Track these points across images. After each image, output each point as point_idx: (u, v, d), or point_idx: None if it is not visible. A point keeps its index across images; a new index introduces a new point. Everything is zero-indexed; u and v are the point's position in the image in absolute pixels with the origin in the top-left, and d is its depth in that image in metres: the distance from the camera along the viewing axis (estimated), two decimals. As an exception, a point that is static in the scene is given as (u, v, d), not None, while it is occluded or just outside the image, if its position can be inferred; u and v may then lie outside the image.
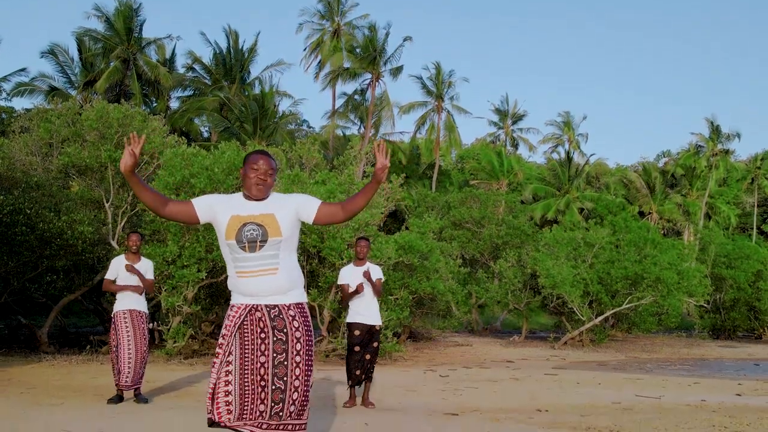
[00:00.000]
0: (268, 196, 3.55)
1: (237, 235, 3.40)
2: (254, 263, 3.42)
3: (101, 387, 8.16)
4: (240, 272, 3.45)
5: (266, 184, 3.49)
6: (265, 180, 3.48)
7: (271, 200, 3.55)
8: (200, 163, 12.06)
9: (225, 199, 3.57)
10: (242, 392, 3.40)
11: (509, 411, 7.00)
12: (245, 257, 3.42)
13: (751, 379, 10.97)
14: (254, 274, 3.43)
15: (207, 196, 3.59)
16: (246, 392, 3.40)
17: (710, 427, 5.96)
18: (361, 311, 7.14)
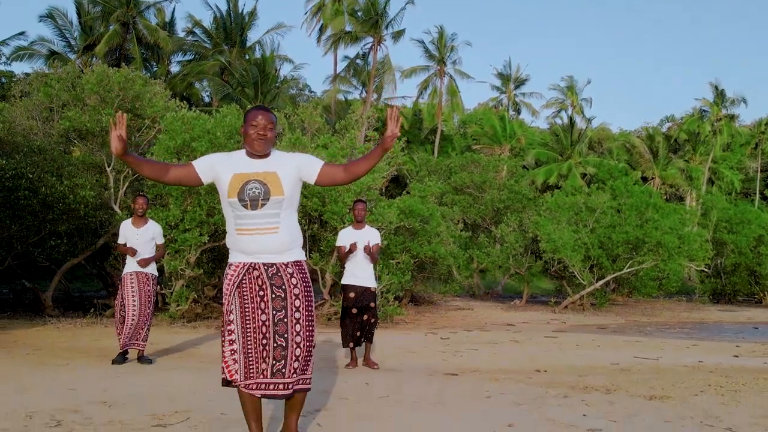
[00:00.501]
0: (270, 153, 3.55)
1: (239, 193, 3.41)
2: (255, 221, 3.44)
3: (106, 349, 8.28)
4: (240, 230, 3.47)
5: (267, 138, 3.48)
6: (265, 135, 3.47)
7: (274, 158, 3.55)
8: (201, 126, 12.06)
9: (226, 158, 3.57)
10: (246, 351, 3.44)
11: (508, 372, 7.10)
12: (247, 215, 3.44)
13: (749, 342, 11.07)
14: (255, 232, 3.45)
15: (207, 156, 3.60)
16: (249, 351, 3.44)
17: (706, 386, 6.04)
18: (356, 273, 7.23)
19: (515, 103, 44.33)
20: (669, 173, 40.78)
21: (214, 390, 5.46)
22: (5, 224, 11.92)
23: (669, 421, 4.61)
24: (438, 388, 5.85)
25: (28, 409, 4.60)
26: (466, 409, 4.98)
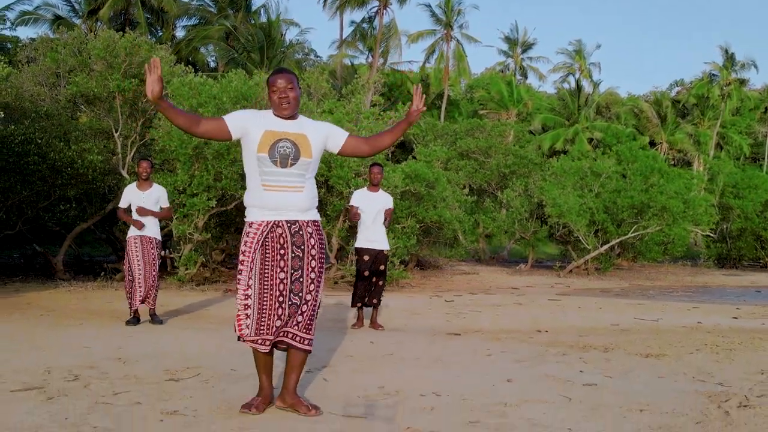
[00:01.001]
0: (297, 115, 3.68)
1: (270, 150, 3.53)
2: (283, 179, 3.57)
3: (117, 311, 8.49)
4: (267, 185, 3.57)
5: (289, 98, 3.59)
6: (287, 95, 3.58)
7: (303, 122, 3.69)
8: (208, 92, 12.15)
9: (257, 114, 3.67)
10: (260, 307, 3.57)
11: (510, 332, 7.28)
12: (274, 171, 3.55)
13: (749, 305, 11.24)
14: (281, 189, 3.57)
15: (239, 112, 3.69)
16: (264, 308, 3.58)
17: (702, 345, 6.22)
18: (370, 237, 7.35)
19: (522, 67, 44.06)
20: (677, 138, 40.65)
21: (223, 349, 5.67)
22: (16, 189, 12.11)
23: (663, 377, 4.78)
24: (440, 347, 6.04)
25: (46, 365, 4.81)
26: (467, 366, 5.17)
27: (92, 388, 4.18)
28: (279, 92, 3.59)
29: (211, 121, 3.62)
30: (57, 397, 3.93)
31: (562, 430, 3.42)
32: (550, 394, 4.21)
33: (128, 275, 7.50)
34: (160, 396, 4.00)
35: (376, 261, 7.36)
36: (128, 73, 13.63)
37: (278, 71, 3.69)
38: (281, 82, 3.60)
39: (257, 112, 3.71)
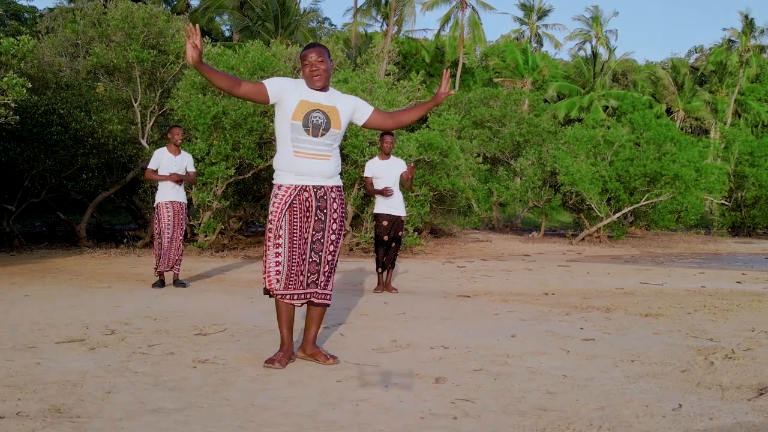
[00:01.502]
0: (329, 87, 3.98)
1: (304, 119, 3.84)
2: (313, 146, 3.88)
3: (142, 275, 8.92)
4: (298, 152, 3.88)
5: (321, 71, 3.88)
6: (318, 68, 3.88)
7: (334, 94, 4.00)
8: (226, 62, 12.45)
9: (294, 84, 3.94)
10: (290, 264, 3.92)
11: (518, 294, 7.64)
12: (306, 139, 3.87)
13: (756, 271, 11.52)
14: (311, 156, 3.89)
15: (277, 79, 3.96)
16: (293, 264, 3.93)
17: (701, 307, 6.54)
18: (388, 203, 7.67)
19: (537, 35, 43.91)
20: (694, 106, 40.54)
21: (245, 308, 6.07)
22: (40, 159, 12.50)
23: (658, 334, 5.12)
24: (450, 307, 6.41)
25: (83, 322, 5.22)
26: (475, 323, 5.53)
27: (128, 340, 4.58)
28: (311, 65, 3.89)
29: (251, 84, 3.91)
30: (98, 348, 4.33)
31: (557, 376, 3.78)
32: (550, 347, 4.57)
33: (158, 239, 7.87)
34: (191, 347, 4.40)
35: (395, 226, 7.69)
36: (146, 43, 13.95)
37: (310, 45, 3.99)
38: (313, 55, 3.90)
39: (294, 81, 3.97)
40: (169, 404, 3.15)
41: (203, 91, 12.50)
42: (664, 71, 42.66)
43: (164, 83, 14.51)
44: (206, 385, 3.50)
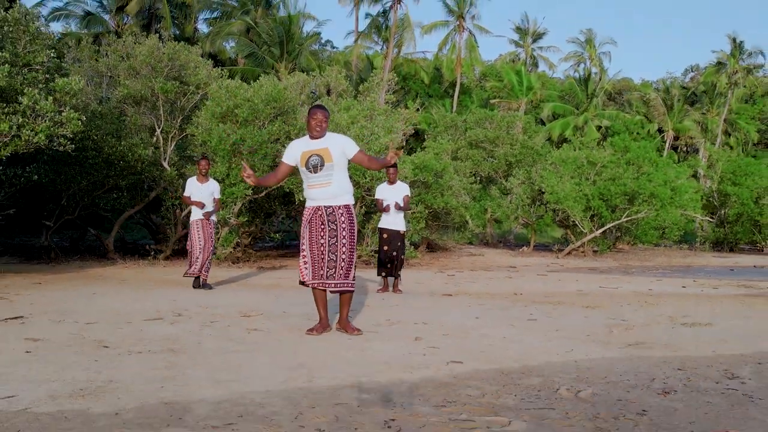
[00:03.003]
0: (324, 135, 5.73)
1: (305, 163, 5.65)
2: (316, 179, 5.67)
3: (177, 280, 10.74)
4: (309, 185, 5.69)
5: (321, 128, 5.66)
6: (321, 125, 5.66)
7: (327, 138, 5.74)
8: (242, 95, 14.34)
9: (297, 143, 5.76)
10: (313, 262, 5.72)
11: (492, 294, 9.47)
12: (311, 176, 5.66)
13: (708, 278, 13.33)
14: (316, 186, 5.67)
15: (288, 149, 5.78)
16: (314, 262, 5.72)
17: (635, 302, 8.36)
18: (390, 220, 9.57)
19: (533, 57, 46.00)
20: (685, 125, 42.50)
21: (274, 301, 7.90)
22: (76, 180, 14.35)
23: (587, 317, 6.95)
24: (434, 301, 8.24)
25: (154, 308, 7.04)
26: (450, 310, 7.36)
27: (194, 319, 6.40)
28: (317, 122, 5.69)
29: (282, 170, 5.77)
30: (175, 323, 6.16)
31: (498, 338, 5.60)
32: (502, 324, 6.39)
33: (190, 249, 9.72)
34: (241, 323, 6.22)
35: (394, 238, 9.55)
36: (169, 75, 15.87)
37: (318, 106, 5.81)
38: (320, 116, 5.70)
39: (298, 141, 5.81)
40: (240, 347, 4.99)
41: (223, 120, 14.38)
42: (655, 92, 44.68)
43: (184, 110, 16.37)
44: (261, 339, 5.33)
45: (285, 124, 14.61)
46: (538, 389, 3.87)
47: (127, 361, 4.46)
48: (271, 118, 14.58)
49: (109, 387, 3.75)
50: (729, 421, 3.28)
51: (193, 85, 16.15)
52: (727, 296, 9.46)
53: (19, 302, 7.43)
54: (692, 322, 6.58)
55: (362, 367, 4.40)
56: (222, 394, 3.63)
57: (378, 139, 14.77)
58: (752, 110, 46.97)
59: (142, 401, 3.47)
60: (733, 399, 3.71)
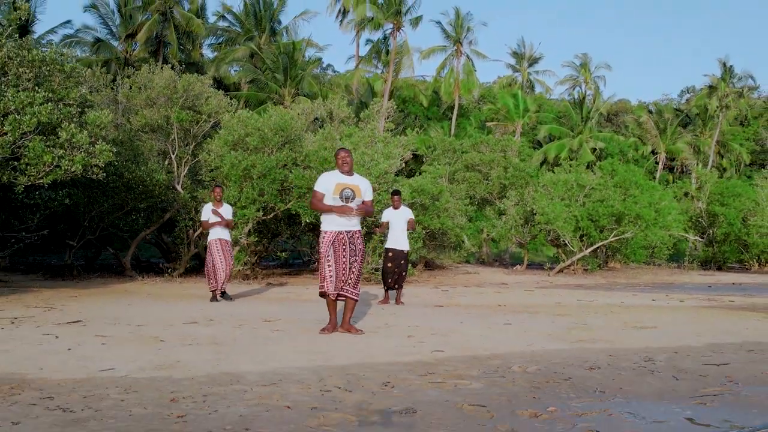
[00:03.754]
0: (353, 173, 7.17)
1: (340, 193, 7.00)
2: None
3: (196, 294, 12.11)
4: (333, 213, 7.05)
5: (348, 163, 7.09)
6: (346, 161, 7.08)
7: (356, 177, 7.19)
8: (253, 124, 15.79)
9: (329, 176, 7.11)
10: (337, 276, 7.06)
11: (479, 305, 10.84)
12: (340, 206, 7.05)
13: (682, 294, 14.68)
14: (341, 216, 7.02)
15: (320, 180, 7.07)
16: (338, 277, 7.06)
17: (601, 312, 9.73)
18: (395, 240, 11.00)
19: (529, 80, 47.65)
20: (677, 147, 44.06)
21: (289, 310, 9.27)
22: (98, 202, 15.75)
23: (553, 322, 8.32)
24: (426, 311, 9.62)
25: (188, 316, 8.42)
26: (439, 317, 8.73)
27: (225, 323, 7.77)
28: (343, 159, 7.13)
29: (318, 196, 7.04)
30: (209, 326, 7.53)
31: (477, 336, 6.97)
32: (481, 326, 7.77)
33: (211, 267, 11.09)
34: (265, 326, 7.59)
35: (398, 256, 10.96)
36: (184, 105, 17.32)
37: (343, 148, 7.26)
38: (344, 154, 7.16)
39: (328, 175, 7.19)
40: (268, 341, 6.36)
41: (234, 148, 15.81)
42: (648, 115, 46.31)
43: (197, 137, 17.80)
44: (284, 336, 6.71)
45: (291, 151, 16.04)
46: (497, 367, 5.25)
47: (183, 350, 5.84)
48: (279, 146, 16.01)
49: (178, 365, 5.13)
50: (630, 385, 4.66)
51: (205, 113, 17.59)
52: (686, 308, 10.84)
53: (70, 311, 8.81)
54: (641, 326, 7.96)
55: (367, 353, 5.79)
56: (263, 369, 5.01)
57: (378, 165, 16.20)
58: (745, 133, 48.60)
59: (207, 372, 4.85)
60: (640, 372, 5.10)
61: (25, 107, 11.28)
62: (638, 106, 54.98)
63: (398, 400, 4.13)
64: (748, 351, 6.18)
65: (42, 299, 10.47)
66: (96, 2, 33.97)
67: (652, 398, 4.35)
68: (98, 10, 33.99)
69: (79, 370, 4.85)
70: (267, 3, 36.41)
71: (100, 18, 34.20)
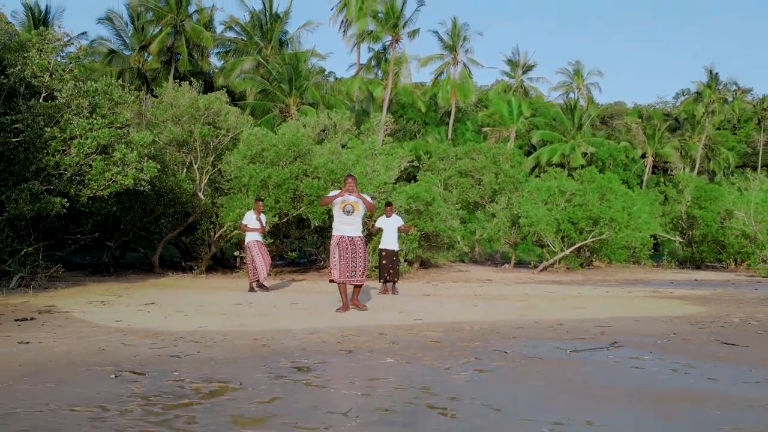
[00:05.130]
0: (354, 193, 10.03)
1: (343, 209, 9.92)
2: (347, 219, 9.91)
3: (225, 287, 14.94)
4: (341, 222, 9.90)
5: (353, 187, 9.94)
6: (352, 186, 9.91)
7: (356, 196, 10.04)
8: (269, 141, 18.65)
9: (337, 193, 10.04)
10: (341, 269, 9.86)
11: (459, 295, 13.71)
12: (344, 217, 9.90)
13: (641, 288, 17.52)
14: (346, 224, 9.92)
15: (332, 193, 10.06)
16: (342, 268, 9.89)
17: (555, 299, 12.57)
18: (386, 240, 13.87)
19: (523, 87, 50.59)
20: (666, 151, 47.02)
21: (311, 297, 12.13)
22: (134, 208, 18.60)
23: (512, 305, 11.17)
24: (414, 298, 12.49)
25: (232, 300, 11.26)
26: (424, 302, 11.59)
27: (262, 304, 10.62)
28: (349, 185, 9.98)
29: (328, 198, 10.00)
30: (251, 307, 10.37)
31: (449, 312, 9.82)
32: (456, 308, 10.63)
33: (251, 263, 13.95)
34: (294, 306, 10.45)
35: (390, 255, 13.81)
36: (205, 121, 20.17)
37: (350, 175, 10.12)
38: (351, 181, 10.01)
39: (336, 192, 10.09)
40: (299, 314, 9.22)
41: (252, 161, 18.65)
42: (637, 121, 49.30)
43: (217, 150, 20.64)
44: (309, 313, 9.57)
45: (302, 163, 18.89)
46: (455, 327, 8.12)
47: (241, 320, 8.70)
48: (291, 159, 18.87)
49: (245, 325, 8.00)
50: (537, 335, 7.51)
51: (224, 128, 20.44)
52: (628, 297, 13.72)
53: (136, 298, 11.67)
54: (576, 308, 10.84)
55: (370, 320, 8.68)
56: (301, 327, 7.89)
57: (378, 175, 19.06)
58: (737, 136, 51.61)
59: (266, 328, 7.72)
60: (549, 330, 7.97)
61: (86, 132, 14.15)
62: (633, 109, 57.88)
63: (389, 339, 7.03)
64: (634, 320, 9.05)
65: (103, 290, 13.32)
66: (110, 15, 36.86)
67: (546, 339, 7.22)
68: (112, 22, 36.91)
69: (186, 327, 7.73)
70: (273, 15, 39.34)
71: (113, 30, 37.13)
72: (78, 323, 7.95)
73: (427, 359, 5.96)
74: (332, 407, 4.31)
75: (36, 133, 13.79)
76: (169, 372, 5.30)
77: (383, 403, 4.43)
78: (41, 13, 36.15)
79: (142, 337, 6.92)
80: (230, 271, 20.47)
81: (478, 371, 5.55)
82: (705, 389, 5.07)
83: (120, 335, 7.06)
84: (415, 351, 6.39)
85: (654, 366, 5.94)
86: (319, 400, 4.51)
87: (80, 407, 4.21)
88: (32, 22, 34.85)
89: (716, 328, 8.40)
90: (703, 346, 6.97)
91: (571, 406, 4.48)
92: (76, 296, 11.62)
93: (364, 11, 39.42)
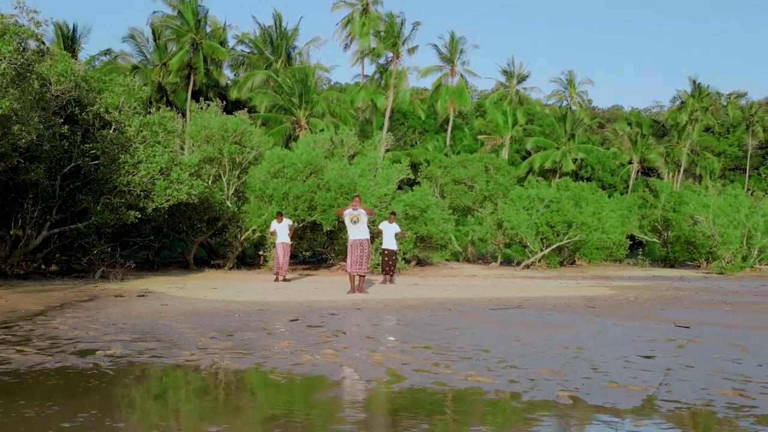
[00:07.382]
0: (359, 206, 14.71)
1: (350, 220, 14.59)
2: (354, 227, 14.61)
3: (256, 279, 19.59)
4: (352, 230, 14.61)
5: (357, 205, 14.64)
6: (357, 203, 14.63)
7: (360, 209, 14.74)
8: (289, 159, 23.30)
9: (345, 208, 14.74)
10: (351, 263, 14.57)
11: (442, 285, 18.34)
12: (352, 226, 14.59)
13: (598, 281, 22.13)
14: (354, 231, 14.61)
15: (344, 209, 14.79)
16: (352, 264, 14.58)
17: (515, 288, 17.22)
18: (387, 242, 18.57)
19: (518, 95, 55.26)
20: (652, 157, 51.65)
21: (328, 288, 16.81)
22: (178, 215, 23.28)
23: (477, 291, 15.81)
24: (406, 287, 17.16)
25: (267, 288, 15.93)
26: (415, 290, 16.24)
27: (292, 290, 15.27)
28: (355, 203, 14.70)
29: (342, 212, 14.74)
30: (287, 290, 15.04)
31: (427, 293, 14.48)
32: (434, 292, 15.29)
33: (277, 260, 18.65)
34: (316, 290, 15.11)
35: (390, 253, 18.49)
36: (233, 140, 24.86)
37: (357, 195, 14.85)
38: (356, 200, 14.73)
39: (345, 208, 14.80)
40: (319, 294, 13.90)
41: (275, 176, 23.30)
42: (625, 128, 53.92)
43: (242, 165, 25.32)
44: (326, 294, 14.26)
45: (317, 178, 23.52)
46: (428, 301, 12.78)
47: (285, 296, 13.36)
48: (308, 175, 23.52)
49: (288, 299, 12.66)
50: (477, 306, 12.18)
51: (249, 146, 25.12)
52: (572, 287, 18.34)
53: (194, 286, 16.30)
54: (522, 293, 15.48)
55: (371, 298, 13.35)
56: (326, 299, 12.57)
57: (380, 188, 23.68)
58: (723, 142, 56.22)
59: (303, 300, 12.41)
60: (484, 305, 12.64)
61: (149, 158, 18.84)
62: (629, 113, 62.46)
63: (382, 304, 11.72)
64: (553, 298, 13.67)
65: (166, 281, 17.97)
66: (133, 33, 41.59)
67: (480, 305, 11.87)
68: (135, 40, 41.63)
69: (254, 298, 12.41)
70: (282, 31, 44.05)
71: (136, 47, 41.83)
72: (180, 298, 12.61)
73: (404, 311, 10.62)
74: (351, 326, 8.98)
75: (111, 159, 18.48)
76: (262, 315, 9.96)
77: (378, 323, 9.11)
78: (69, 30, 40.94)
79: (231, 303, 11.60)
80: (251, 267, 25.21)
81: (430, 315, 10.24)
82: (545, 321, 9.75)
83: (217, 303, 11.72)
84: (398, 309, 11.05)
85: (531, 316, 10.60)
86: (344, 325, 9.18)
87: (222, 331, 8.88)
88: (62, 41, 39.62)
89: (599, 302, 13.05)
90: (573, 309, 11.65)
91: (475, 324, 9.14)
92: (153, 284, 16.29)
93: (367, 28, 44.05)
